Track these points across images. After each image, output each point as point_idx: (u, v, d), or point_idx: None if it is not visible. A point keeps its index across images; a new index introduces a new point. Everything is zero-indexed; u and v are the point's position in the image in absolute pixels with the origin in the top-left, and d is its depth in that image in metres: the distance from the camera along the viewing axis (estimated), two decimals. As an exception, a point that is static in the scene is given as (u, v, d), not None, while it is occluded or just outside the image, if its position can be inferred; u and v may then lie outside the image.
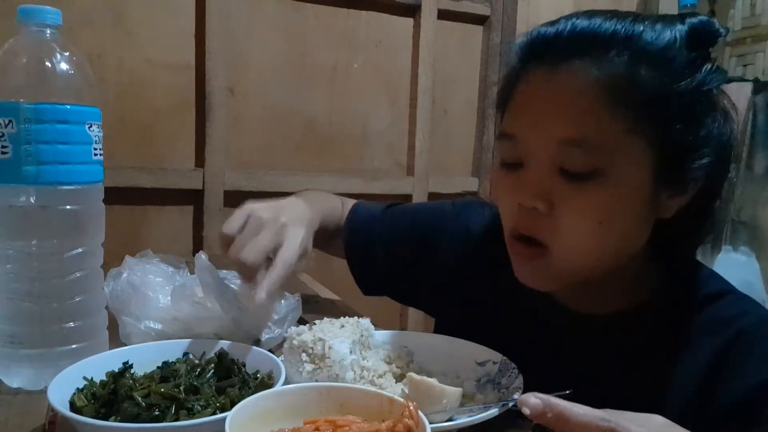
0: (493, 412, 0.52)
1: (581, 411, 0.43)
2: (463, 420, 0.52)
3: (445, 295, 0.82)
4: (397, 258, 0.87)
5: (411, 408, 0.43)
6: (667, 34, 0.58)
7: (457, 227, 0.83)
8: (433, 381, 0.56)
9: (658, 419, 0.45)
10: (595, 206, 0.58)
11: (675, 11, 2.62)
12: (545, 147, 0.59)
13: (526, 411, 0.44)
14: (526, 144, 0.60)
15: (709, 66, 0.60)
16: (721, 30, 0.60)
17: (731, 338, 0.61)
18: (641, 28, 0.57)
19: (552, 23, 0.61)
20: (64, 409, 0.49)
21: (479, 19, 2.04)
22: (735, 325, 0.61)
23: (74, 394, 0.52)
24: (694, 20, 0.60)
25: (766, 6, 2.64)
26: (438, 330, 0.83)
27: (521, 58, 0.63)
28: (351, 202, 0.97)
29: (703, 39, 0.60)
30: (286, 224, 0.75)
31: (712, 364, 0.61)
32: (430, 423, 0.44)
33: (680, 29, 0.58)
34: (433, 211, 0.89)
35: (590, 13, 0.60)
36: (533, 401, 0.44)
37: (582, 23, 0.59)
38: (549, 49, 0.59)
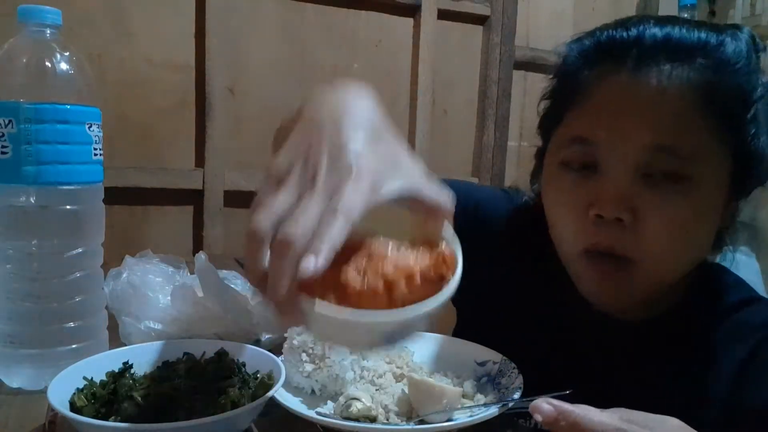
0: (493, 412, 0.52)
1: (596, 418, 0.42)
2: (463, 420, 0.52)
3: (474, 280, 0.78)
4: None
5: (447, 253, 0.40)
6: (742, 44, 0.58)
7: (501, 213, 0.78)
8: (433, 381, 0.56)
9: (673, 422, 0.45)
10: (680, 214, 0.56)
11: (675, 11, 2.62)
12: (631, 152, 0.56)
13: (539, 418, 0.44)
14: (607, 148, 0.57)
15: (765, 77, 0.60)
16: (758, 39, 0.61)
17: (758, 345, 0.60)
18: (724, 38, 0.57)
19: (621, 27, 0.60)
20: (64, 409, 0.49)
21: (479, 19, 2.04)
22: (762, 332, 0.61)
23: (74, 394, 0.52)
24: (745, 32, 0.60)
25: (766, 6, 2.64)
26: (460, 323, 0.81)
27: (590, 62, 0.61)
28: None
29: (758, 48, 0.60)
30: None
31: (740, 371, 0.60)
32: (430, 423, 0.44)
33: (743, 38, 0.59)
34: (487, 194, 0.83)
35: (661, 20, 0.59)
36: (546, 408, 0.43)
37: (659, 30, 0.58)
38: (629, 53, 0.58)
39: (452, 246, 0.42)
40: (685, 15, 2.62)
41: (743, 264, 2.38)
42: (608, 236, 0.57)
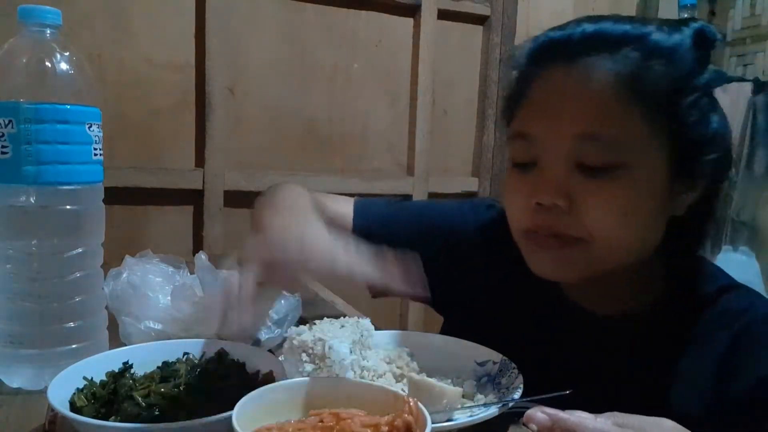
0: (493, 412, 0.52)
1: (591, 425, 0.43)
2: (463, 420, 0.52)
3: (456, 292, 0.81)
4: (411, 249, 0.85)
5: (411, 403, 0.43)
6: (676, 35, 0.60)
7: (470, 225, 0.82)
8: (433, 381, 0.56)
9: (667, 423, 0.45)
10: (616, 200, 0.58)
11: (675, 11, 2.62)
12: (562, 143, 0.59)
13: (534, 428, 0.44)
14: (542, 141, 0.61)
15: (712, 68, 0.62)
16: (719, 36, 0.63)
17: (739, 332, 0.61)
18: (650, 29, 0.59)
19: (560, 28, 0.63)
20: (64, 409, 0.49)
21: (479, 19, 2.04)
22: (743, 319, 0.62)
23: (74, 394, 0.52)
24: (696, 24, 0.62)
25: (766, 6, 2.64)
26: (445, 331, 0.83)
27: (531, 62, 0.64)
28: (328, 198, 0.86)
29: (706, 41, 0.62)
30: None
31: (723, 358, 0.61)
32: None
33: (686, 31, 0.61)
34: (450, 209, 0.87)
35: (596, 18, 0.62)
36: (540, 417, 0.44)
37: (591, 27, 0.61)
38: (561, 51, 0.61)
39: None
40: (685, 15, 2.62)
41: (743, 264, 2.38)
42: (547, 220, 0.60)
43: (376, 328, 0.67)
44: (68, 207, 0.62)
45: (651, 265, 0.66)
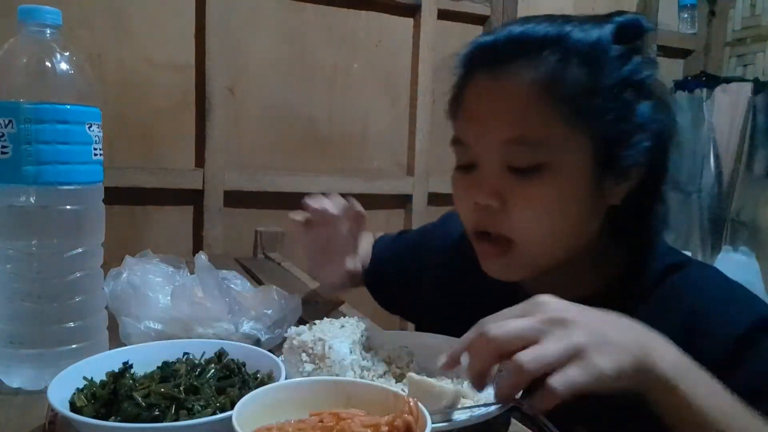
0: (493, 411, 0.52)
1: (513, 325, 0.48)
2: (463, 420, 0.52)
3: (434, 307, 0.85)
4: (401, 281, 0.94)
5: (411, 403, 0.43)
6: (595, 32, 0.61)
7: (437, 240, 0.89)
8: (433, 381, 0.56)
9: (595, 314, 0.50)
10: (543, 198, 0.62)
11: (675, 11, 2.62)
12: (492, 148, 0.63)
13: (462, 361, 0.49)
14: (476, 147, 0.65)
15: (639, 58, 0.63)
16: (648, 26, 0.64)
17: (687, 313, 0.63)
18: (570, 29, 0.61)
19: (491, 32, 0.66)
20: (64, 409, 0.49)
21: (479, 19, 2.04)
22: (689, 299, 0.64)
23: (74, 394, 0.52)
24: (621, 18, 0.63)
25: (766, 6, 2.64)
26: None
27: (465, 68, 0.67)
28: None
29: (630, 34, 0.63)
30: None
31: (673, 339, 0.61)
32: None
33: (607, 27, 0.62)
34: (421, 232, 0.96)
35: (524, 19, 0.64)
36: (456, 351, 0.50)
37: (516, 29, 0.63)
38: (488, 56, 0.64)
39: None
40: (685, 15, 2.62)
41: (743, 264, 2.38)
42: (484, 218, 0.65)
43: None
44: (68, 207, 0.62)
45: (604, 252, 0.69)
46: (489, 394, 0.61)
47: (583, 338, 0.47)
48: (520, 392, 0.56)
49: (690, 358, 0.52)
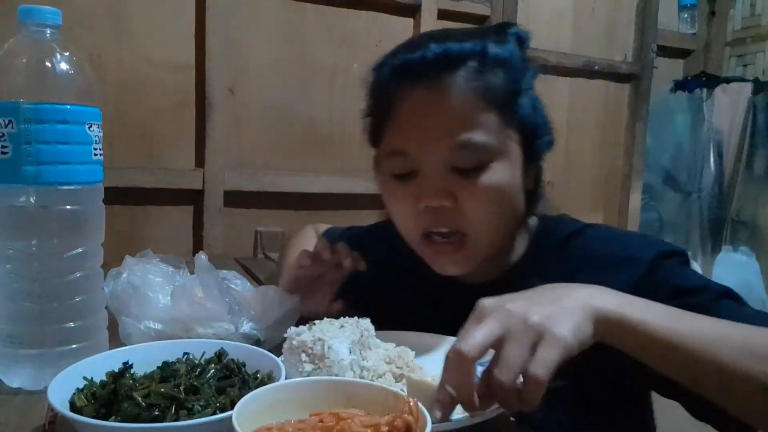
0: (493, 411, 0.52)
1: (478, 335, 0.50)
2: (463, 420, 0.52)
3: (378, 302, 0.85)
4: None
5: (411, 403, 0.43)
6: (507, 44, 0.71)
7: (377, 243, 0.90)
8: (432, 381, 0.56)
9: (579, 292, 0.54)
10: (491, 191, 0.68)
11: (675, 11, 2.62)
12: (438, 155, 0.68)
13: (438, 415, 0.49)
14: (419, 155, 0.69)
15: (533, 63, 0.74)
16: (527, 34, 0.74)
17: (593, 260, 0.71)
18: (487, 43, 0.69)
19: (409, 48, 0.71)
20: (64, 409, 0.49)
21: (479, 19, 2.04)
22: (593, 251, 0.72)
23: (74, 394, 0.52)
24: (512, 30, 0.73)
25: (766, 6, 2.64)
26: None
27: (392, 84, 0.71)
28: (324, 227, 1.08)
29: (524, 42, 0.73)
30: None
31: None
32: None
33: (511, 38, 0.72)
34: (368, 230, 1.00)
35: (441, 36, 0.71)
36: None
37: (439, 46, 0.68)
38: (417, 72, 0.68)
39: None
40: (685, 15, 2.62)
41: (743, 264, 2.38)
42: (437, 219, 0.69)
43: (377, 329, 0.67)
44: (68, 207, 0.62)
45: (515, 230, 0.77)
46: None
47: (537, 318, 0.50)
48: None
49: (622, 292, 0.56)
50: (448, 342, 0.69)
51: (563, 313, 0.51)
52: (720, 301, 0.62)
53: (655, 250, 0.69)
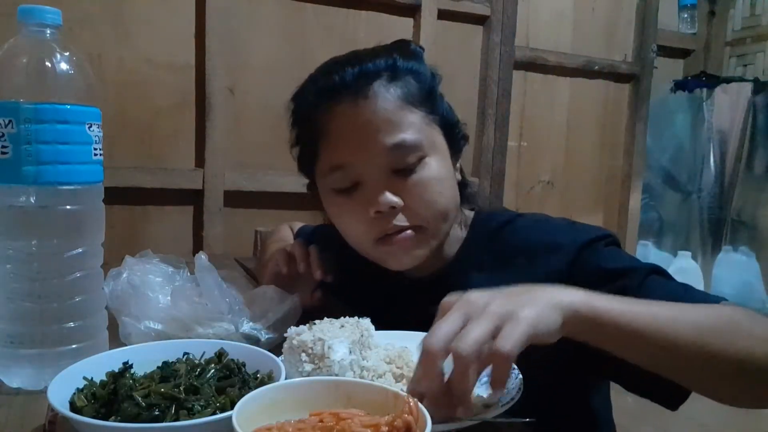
0: (493, 412, 0.53)
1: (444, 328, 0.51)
2: (464, 420, 0.52)
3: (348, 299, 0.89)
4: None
5: (411, 403, 0.43)
6: (408, 56, 0.77)
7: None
8: None
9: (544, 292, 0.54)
10: (431, 184, 0.73)
11: (675, 11, 2.62)
12: (376, 159, 0.72)
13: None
14: (360, 165, 0.73)
15: (435, 72, 0.80)
16: (420, 47, 0.82)
17: (526, 246, 0.75)
18: (395, 56, 0.76)
19: (326, 73, 0.76)
20: (64, 409, 0.49)
21: (479, 19, 2.04)
22: (524, 238, 0.77)
23: (74, 394, 0.52)
24: (411, 45, 0.81)
25: (766, 6, 2.65)
26: None
27: (317, 106, 0.76)
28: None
29: (420, 53, 0.80)
30: None
31: (523, 270, 0.71)
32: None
33: (409, 49, 0.79)
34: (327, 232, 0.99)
35: (351, 58, 0.76)
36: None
37: (353, 67, 0.74)
38: (341, 89, 0.73)
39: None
40: (685, 15, 2.62)
41: (743, 264, 2.38)
42: (389, 221, 0.73)
43: (377, 328, 0.67)
44: (68, 207, 0.62)
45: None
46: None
47: (500, 307, 0.51)
48: (519, 392, 0.57)
49: (584, 289, 0.57)
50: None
51: (527, 303, 0.52)
52: (647, 279, 0.66)
53: (582, 237, 0.72)
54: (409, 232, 0.73)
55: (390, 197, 0.72)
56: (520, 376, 0.59)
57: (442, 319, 0.52)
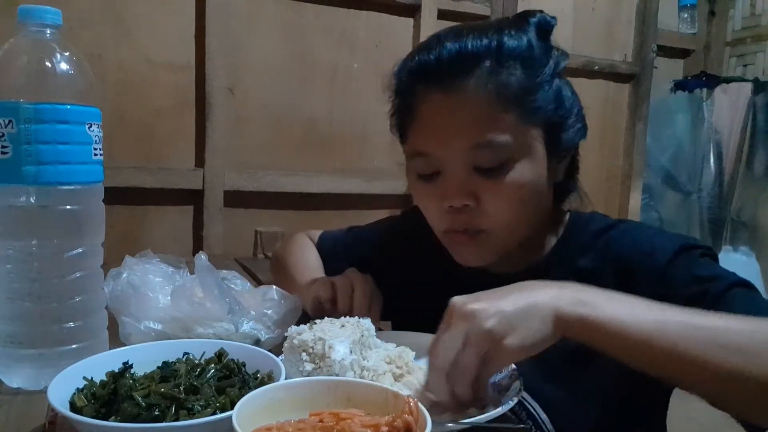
0: (493, 412, 0.53)
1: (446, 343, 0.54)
2: (464, 420, 0.52)
3: (395, 297, 0.86)
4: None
5: (411, 404, 0.43)
6: (524, 36, 0.69)
7: (405, 235, 0.91)
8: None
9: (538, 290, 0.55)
10: (513, 190, 0.69)
11: (675, 11, 2.62)
12: (459, 155, 0.68)
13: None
14: (441, 157, 0.70)
15: (557, 51, 0.72)
16: (552, 20, 0.72)
17: (621, 267, 0.71)
18: (503, 38, 0.68)
19: (426, 49, 0.71)
20: (64, 409, 0.49)
21: (479, 19, 2.04)
22: (620, 247, 0.73)
23: (74, 394, 0.52)
24: (534, 18, 0.71)
25: (766, 6, 2.64)
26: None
27: (410, 86, 0.72)
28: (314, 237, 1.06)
29: (546, 30, 0.72)
30: None
31: (614, 280, 0.67)
32: None
33: (530, 28, 0.71)
34: (386, 229, 0.99)
35: (457, 33, 0.70)
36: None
37: (452, 45, 0.68)
38: (435, 74, 0.69)
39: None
40: (685, 15, 2.62)
41: (743, 264, 2.38)
42: (460, 219, 0.71)
43: (377, 328, 0.67)
44: (68, 207, 0.62)
45: (550, 221, 0.78)
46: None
47: (493, 324, 0.53)
48: (520, 393, 0.57)
49: (595, 288, 0.57)
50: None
51: (521, 316, 0.53)
52: (731, 290, 0.62)
53: (678, 242, 0.69)
54: (465, 234, 0.71)
55: (464, 196, 0.69)
56: (521, 377, 0.59)
57: (446, 334, 0.55)
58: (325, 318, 0.65)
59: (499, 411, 0.53)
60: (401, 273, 0.87)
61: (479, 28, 0.71)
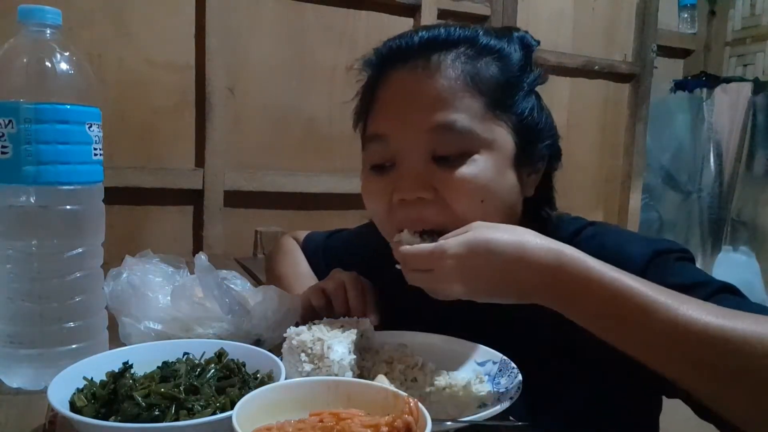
0: (493, 411, 0.53)
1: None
2: (463, 420, 0.52)
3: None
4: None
5: (411, 404, 0.43)
6: (503, 38, 0.68)
7: (367, 244, 0.84)
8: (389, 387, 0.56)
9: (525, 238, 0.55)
10: (472, 185, 0.63)
11: (675, 11, 2.62)
12: (418, 136, 0.64)
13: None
14: (399, 139, 0.65)
15: (538, 69, 0.71)
16: (534, 43, 0.71)
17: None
18: (479, 31, 0.67)
19: (398, 37, 0.69)
20: (64, 409, 0.49)
21: (479, 19, 2.04)
22: (593, 250, 0.67)
23: (74, 394, 0.52)
24: (518, 32, 0.71)
25: (766, 6, 2.64)
26: None
27: (376, 68, 0.70)
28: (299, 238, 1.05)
29: (528, 46, 0.70)
30: None
31: None
32: None
33: (513, 36, 0.70)
34: (356, 233, 0.96)
35: (430, 26, 0.69)
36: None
37: (426, 33, 0.67)
38: (403, 55, 0.66)
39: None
40: (685, 15, 2.62)
41: (743, 264, 2.38)
42: (412, 213, 0.64)
43: (376, 329, 0.67)
44: (68, 207, 0.62)
45: None
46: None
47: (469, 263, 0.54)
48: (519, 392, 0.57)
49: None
50: (447, 341, 0.69)
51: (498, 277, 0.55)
52: (716, 297, 0.58)
53: (651, 248, 0.65)
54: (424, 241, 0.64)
55: (419, 186, 0.63)
56: (520, 376, 0.59)
57: (428, 250, 0.56)
58: (324, 318, 0.65)
59: (497, 409, 0.53)
60: (377, 280, 0.82)
61: (460, 25, 0.69)
